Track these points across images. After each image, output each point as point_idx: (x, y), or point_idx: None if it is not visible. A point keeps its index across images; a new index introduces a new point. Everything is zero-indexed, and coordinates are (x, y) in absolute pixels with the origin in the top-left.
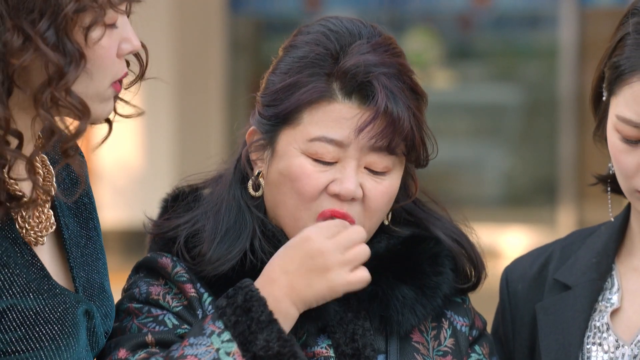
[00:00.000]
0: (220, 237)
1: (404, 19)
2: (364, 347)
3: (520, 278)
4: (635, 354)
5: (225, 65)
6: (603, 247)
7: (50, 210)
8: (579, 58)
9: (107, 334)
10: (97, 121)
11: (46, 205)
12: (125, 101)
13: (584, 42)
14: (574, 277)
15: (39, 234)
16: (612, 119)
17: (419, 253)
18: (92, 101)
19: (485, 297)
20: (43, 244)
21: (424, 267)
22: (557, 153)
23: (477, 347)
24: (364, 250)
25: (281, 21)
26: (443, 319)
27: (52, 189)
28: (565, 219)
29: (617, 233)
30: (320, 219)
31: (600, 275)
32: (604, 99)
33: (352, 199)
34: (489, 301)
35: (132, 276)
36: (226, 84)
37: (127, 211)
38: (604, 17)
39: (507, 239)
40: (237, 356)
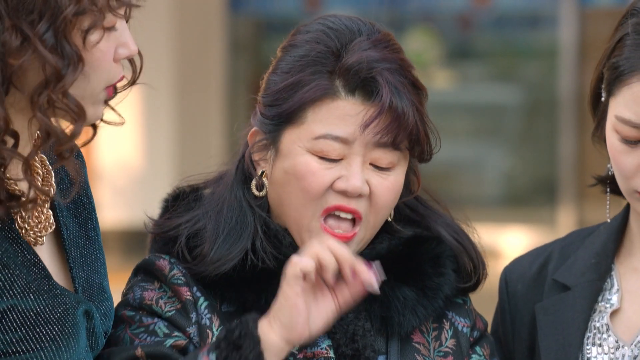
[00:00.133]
0: (222, 237)
1: (404, 19)
2: (364, 348)
3: (519, 278)
4: (635, 354)
5: (225, 65)
6: (602, 247)
7: (50, 211)
8: (579, 58)
9: (106, 334)
10: (87, 124)
11: (45, 205)
12: (112, 108)
13: (584, 42)
14: (574, 278)
15: (38, 234)
16: (611, 120)
17: (420, 254)
18: (86, 104)
19: (485, 297)
20: (42, 244)
21: (425, 268)
22: (557, 153)
23: (477, 348)
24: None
25: (281, 21)
26: (444, 320)
27: (52, 189)
28: (565, 219)
29: (616, 233)
30: (325, 215)
31: (600, 276)
32: (602, 99)
33: (359, 195)
34: (489, 301)
35: (131, 279)
36: (226, 84)
37: (127, 211)
38: (604, 17)
39: (507, 239)
40: None
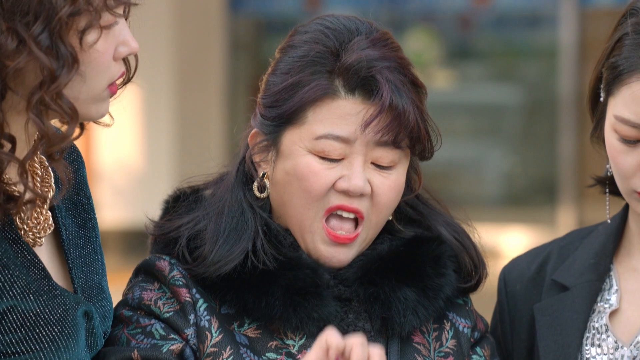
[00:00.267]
0: (223, 239)
1: (404, 19)
2: None
3: (518, 278)
4: (635, 355)
5: (225, 65)
6: (601, 247)
7: (49, 212)
8: (579, 58)
9: (105, 334)
10: (91, 120)
11: (44, 206)
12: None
13: (583, 42)
14: (572, 278)
15: (37, 235)
16: (610, 120)
17: (421, 254)
18: (87, 103)
19: (485, 298)
20: (41, 245)
21: (426, 268)
22: (557, 153)
23: (478, 349)
24: None
25: (281, 21)
26: (445, 321)
27: (50, 190)
28: (565, 219)
29: (614, 234)
30: (327, 215)
31: (599, 276)
32: (601, 99)
33: (361, 194)
34: (489, 301)
35: (132, 279)
36: (226, 83)
37: (127, 211)
38: (604, 17)
39: (507, 239)
40: None
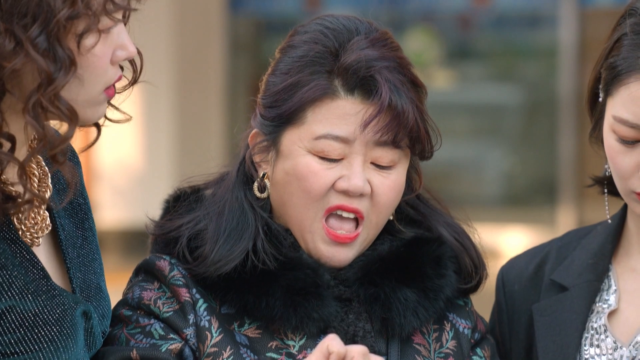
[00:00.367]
0: (223, 238)
1: (403, 19)
2: None
3: (516, 278)
4: (634, 355)
5: (225, 65)
6: (599, 248)
7: (46, 212)
8: (579, 58)
9: (104, 334)
10: (87, 124)
11: (42, 206)
12: (115, 107)
13: (583, 42)
14: (571, 278)
15: (35, 235)
16: (608, 120)
17: (422, 255)
18: (83, 106)
19: (485, 298)
20: (39, 245)
21: (426, 269)
22: (557, 153)
23: (478, 350)
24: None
25: (281, 21)
26: (445, 322)
27: (48, 190)
28: (565, 219)
29: (613, 234)
30: (327, 215)
31: (597, 277)
32: (600, 100)
33: (361, 194)
34: (488, 301)
35: (132, 279)
36: (226, 83)
37: (127, 211)
38: (603, 17)
39: (506, 239)
40: None
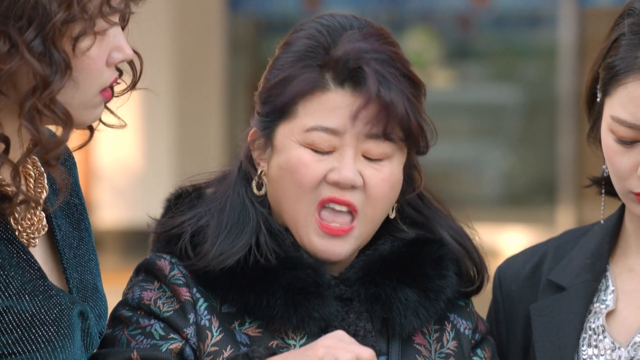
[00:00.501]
0: (225, 233)
1: (403, 19)
2: None
3: (513, 278)
4: (632, 356)
5: (224, 65)
6: (597, 248)
7: (42, 212)
8: (578, 58)
9: (101, 334)
10: (83, 127)
11: (38, 207)
12: (112, 112)
13: (583, 42)
14: (568, 279)
15: (31, 235)
16: (606, 120)
17: (423, 256)
18: (79, 109)
19: (484, 298)
20: (35, 245)
21: (427, 270)
22: (557, 153)
23: (479, 351)
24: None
25: (281, 21)
26: (446, 322)
27: (44, 191)
28: (565, 218)
29: (610, 234)
30: (320, 208)
31: (595, 277)
32: (598, 100)
33: (353, 186)
34: (488, 301)
35: (132, 279)
36: (226, 83)
37: (127, 211)
38: (603, 17)
39: (506, 238)
40: None
